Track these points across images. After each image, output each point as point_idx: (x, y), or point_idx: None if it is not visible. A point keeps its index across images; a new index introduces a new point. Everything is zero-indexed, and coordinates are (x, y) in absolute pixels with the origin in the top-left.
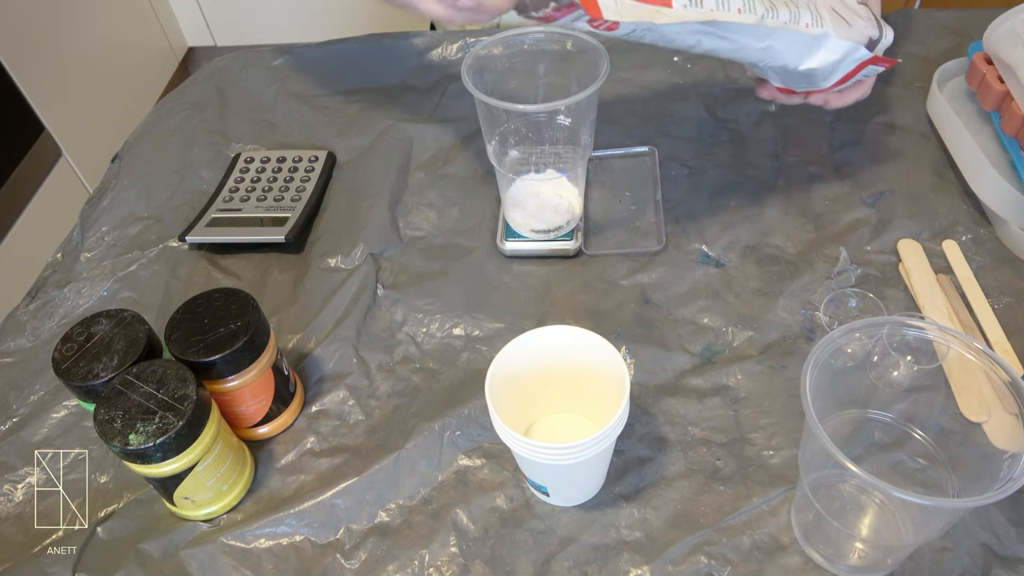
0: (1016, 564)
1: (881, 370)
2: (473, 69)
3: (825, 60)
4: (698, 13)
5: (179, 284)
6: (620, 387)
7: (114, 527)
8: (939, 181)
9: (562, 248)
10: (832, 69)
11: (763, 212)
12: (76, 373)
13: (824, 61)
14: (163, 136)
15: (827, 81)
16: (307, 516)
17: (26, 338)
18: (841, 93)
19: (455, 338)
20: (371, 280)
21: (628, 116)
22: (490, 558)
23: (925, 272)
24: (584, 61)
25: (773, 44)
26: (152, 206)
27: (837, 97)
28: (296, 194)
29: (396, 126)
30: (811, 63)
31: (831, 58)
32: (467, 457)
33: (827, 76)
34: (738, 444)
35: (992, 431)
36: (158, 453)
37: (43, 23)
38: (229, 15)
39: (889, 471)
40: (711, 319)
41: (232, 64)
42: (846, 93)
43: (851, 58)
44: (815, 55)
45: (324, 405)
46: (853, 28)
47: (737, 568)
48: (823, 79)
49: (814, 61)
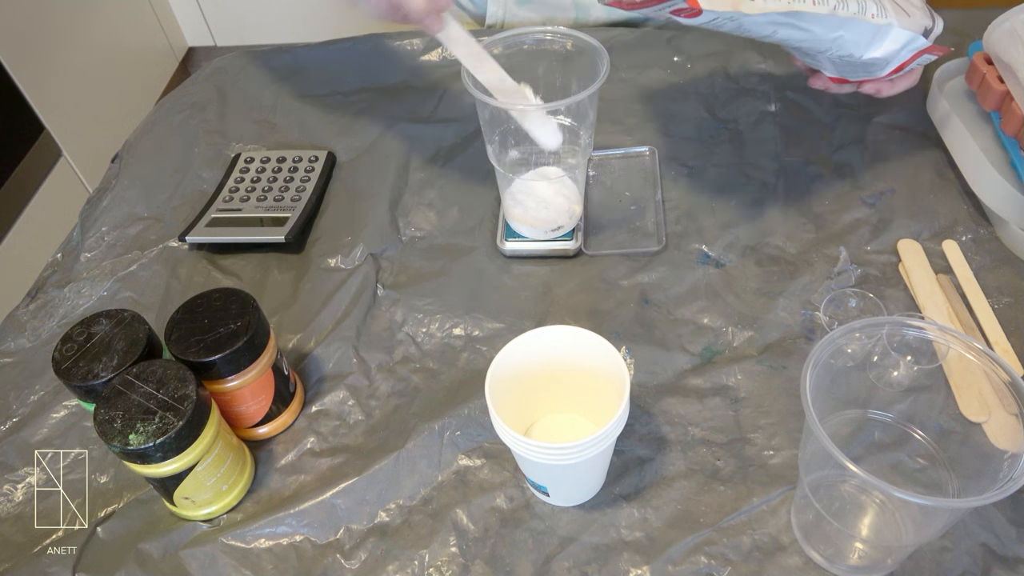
0: (1016, 564)
1: (881, 370)
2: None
3: (888, 49)
4: (779, 4)
5: (179, 284)
6: (620, 387)
7: (114, 527)
8: (939, 181)
9: (562, 248)
10: (892, 58)
11: (763, 212)
12: (76, 373)
13: (887, 50)
14: (163, 136)
15: (884, 70)
16: (307, 516)
17: (26, 338)
18: (892, 82)
19: (455, 338)
20: (371, 280)
21: (628, 116)
22: (490, 558)
23: (925, 272)
24: (584, 61)
25: (844, 34)
26: (152, 206)
27: (889, 86)
28: (296, 194)
29: (396, 126)
30: (875, 52)
31: (893, 47)
32: (467, 457)
33: (886, 65)
34: (738, 444)
35: (992, 431)
36: (158, 453)
37: (43, 23)
38: (229, 15)
39: (889, 471)
40: (711, 319)
41: (232, 64)
42: (897, 82)
43: (910, 47)
44: (880, 45)
45: (324, 405)
46: (912, 18)
47: (737, 568)
48: (882, 68)
49: (878, 51)
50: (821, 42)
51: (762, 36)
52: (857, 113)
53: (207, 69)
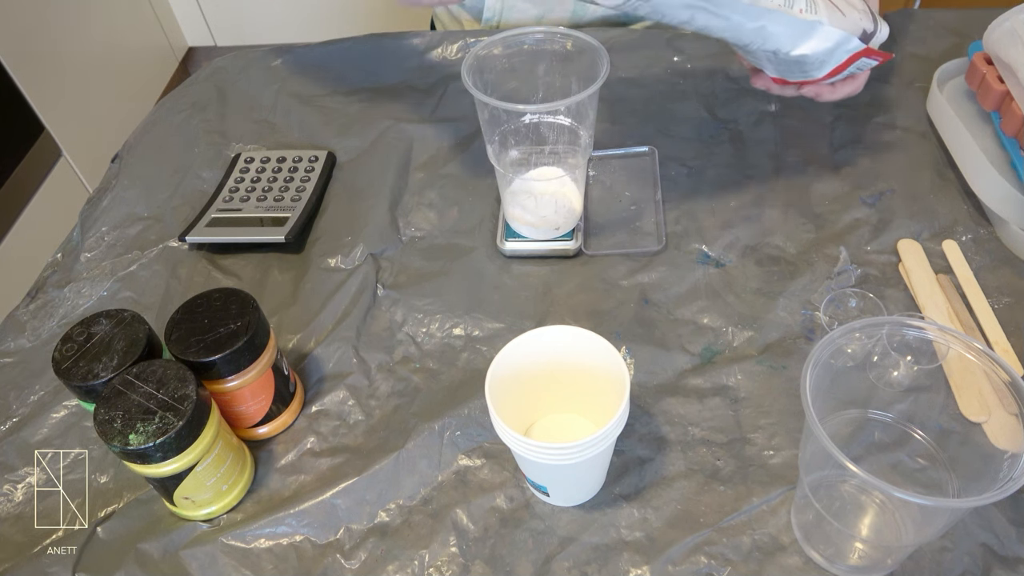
0: (1016, 564)
1: (881, 370)
2: (473, 69)
3: (817, 48)
4: None
5: (179, 284)
6: (620, 387)
7: (114, 527)
8: (939, 181)
9: (562, 248)
10: (825, 58)
11: (763, 212)
12: (76, 373)
13: (816, 48)
14: (163, 136)
15: (820, 71)
16: (307, 516)
17: (26, 338)
18: (833, 86)
19: (455, 338)
20: (371, 280)
21: (628, 116)
22: (490, 558)
23: (925, 272)
24: (584, 61)
25: (766, 25)
26: (152, 206)
27: (829, 90)
28: (296, 194)
29: (396, 126)
30: (803, 49)
31: (823, 46)
32: (467, 457)
33: (820, 65)
34: (738, 444)
35: (992, 431)
36: (158, 453)
37: (43, 23)
38: (229, 15)
39: (889, 471)
40: (711, 319)
41: (232, 64)
42: (838, 87)
43: (843, 48)
44: (808, 41)
45: (324, 405)
46: (847, 18)
47: (737, 568)
48: (816, 68)
49: (806, 48)
50: (743, 32)
51: (680, 22)
52: (857, 113)
53: (207, 69)
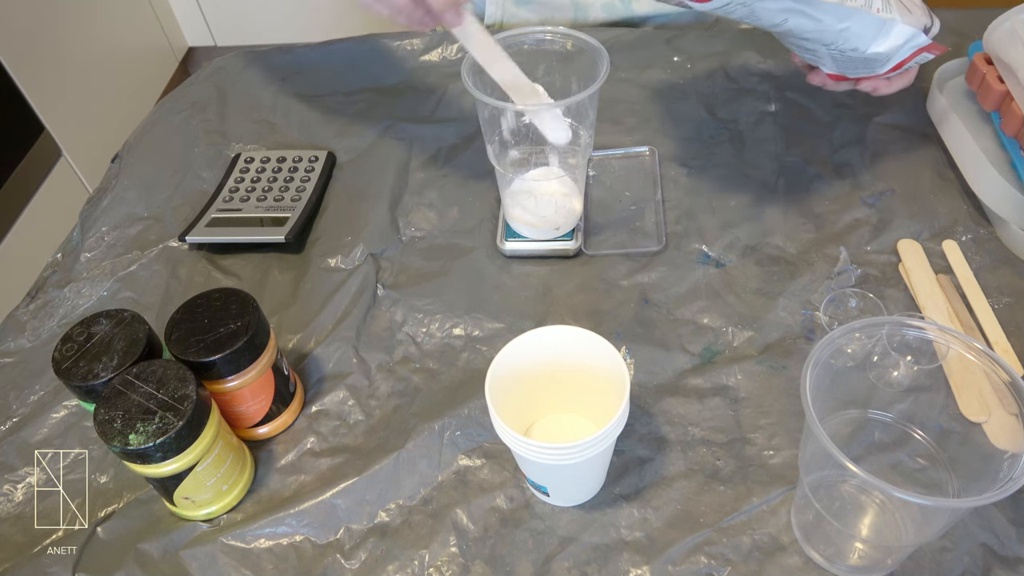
0: (1016, 564)
1: (881, 370)
2: (473, 69)
3: (891, 44)
4: None
5: (179, 284)
6: (620, 387)
7: (114, 527)
8: (939, 181)
9: (562, 248)
10: (893, 54)
11: (763, 212)
12: (76, 373)
13: (890, 45)
14: (163, 136)
15: (885, 67)
16: (307, 516)
17: (26, 338)
18: (890, 80)
19: (455, 338)
20: (371, 280)
21: (628, 116)
22: (490, 558)
23: (925, 272)
24: (584, 61)
25: (851, 26)
26: (152, 206)
27: (886, 84)
28: (296, 194)
29: (396, 126)
30: (879, 47)
31: (896, 43)
32: (467, 457)
33: (887, 61)
34: (738, 444)
35: (992, 431)
36: (158, 453)
37: (43, 23)
38: (229, 15)
39: (889, 471)
40: (711, 319)
41: (232, 64)
42: (894, 80)
43: (910, 44)
44: (885, 39)
45: (324, 405)
46: (913, 15)
47: (737, 568)
48: (882, 64)
49: (882, 45)
50: (828, 33)
51: (772, 24)
52: (857, 113)
53: (207, 69)
